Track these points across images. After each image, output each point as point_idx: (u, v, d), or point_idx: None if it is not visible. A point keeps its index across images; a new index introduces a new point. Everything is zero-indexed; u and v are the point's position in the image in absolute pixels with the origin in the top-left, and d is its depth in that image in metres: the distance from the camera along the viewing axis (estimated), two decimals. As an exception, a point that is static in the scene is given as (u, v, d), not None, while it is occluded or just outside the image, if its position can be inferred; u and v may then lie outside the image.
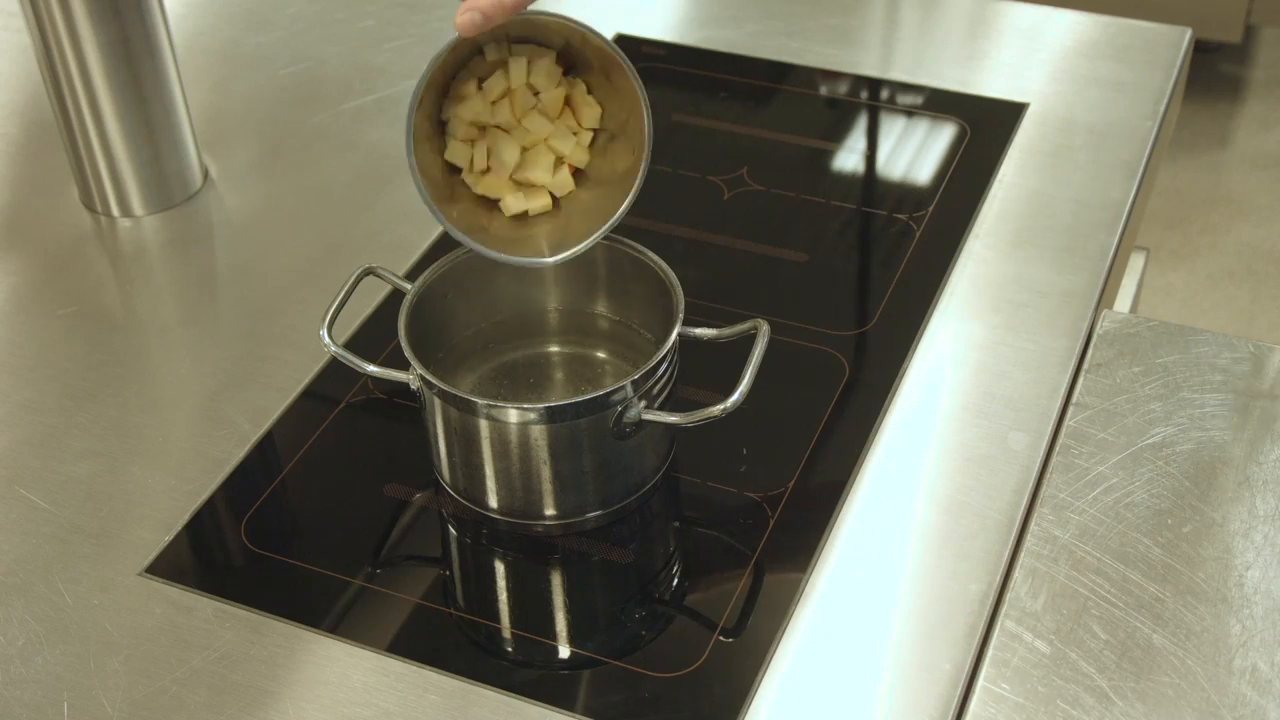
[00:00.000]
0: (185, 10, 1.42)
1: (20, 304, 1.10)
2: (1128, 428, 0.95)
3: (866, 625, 0.85)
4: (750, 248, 1.13)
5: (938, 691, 0.81)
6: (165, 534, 0.92)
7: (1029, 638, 0.83)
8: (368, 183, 1.20)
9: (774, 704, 0.81)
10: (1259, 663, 0.81)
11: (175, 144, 1.17)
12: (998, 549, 0.88)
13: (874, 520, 0.91)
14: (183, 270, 1.14)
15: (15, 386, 1.03)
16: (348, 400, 1.01)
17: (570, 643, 0.86)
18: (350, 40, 1.38)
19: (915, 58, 1.33)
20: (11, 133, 1.29)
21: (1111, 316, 1.03)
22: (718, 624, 0.85)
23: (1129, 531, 0.88)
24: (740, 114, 1.28)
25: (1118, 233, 1.12)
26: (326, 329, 0.92)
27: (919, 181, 1.19)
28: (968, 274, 1.09)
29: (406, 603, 0.88)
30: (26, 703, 0.82)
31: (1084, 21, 1.36)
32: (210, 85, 1.32)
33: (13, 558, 0.90)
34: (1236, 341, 1.01)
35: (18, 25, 1.37)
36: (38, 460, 0.97)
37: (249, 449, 0.97)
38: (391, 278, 0.97)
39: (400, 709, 0.81)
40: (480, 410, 0.86)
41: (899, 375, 1.00)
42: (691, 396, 0.95)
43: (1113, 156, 1.19)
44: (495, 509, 0.91)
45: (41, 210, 1.20)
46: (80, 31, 1.09)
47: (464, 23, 0.83)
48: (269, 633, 0.85)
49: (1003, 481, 0.92)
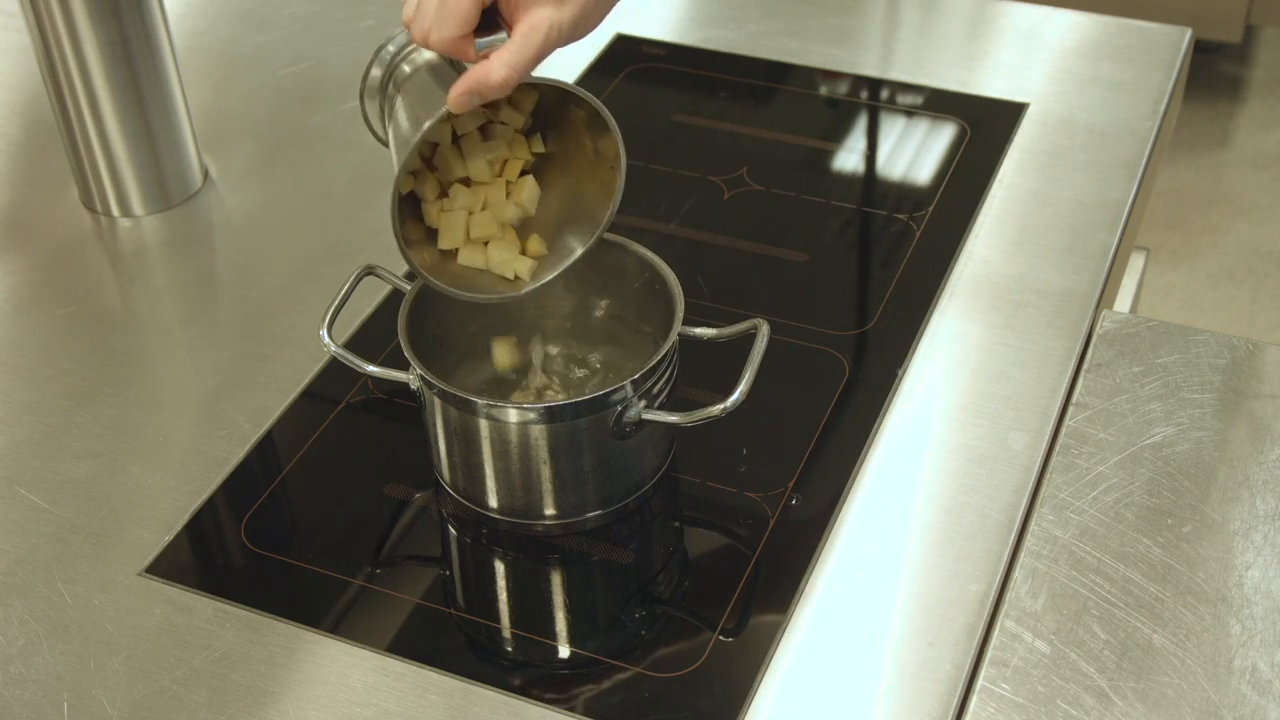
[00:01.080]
0: (185, 10, 1.42)
1: (20, 304, 1.10)
2: (1128, 428, 0.95)
3: (866, 625, 0.85)
4: (750, 248, 1.13)
5: (938, 691, 0.81)
6: (165, 534, 0.92)
7: (1029, 638, 0.83)
8: (368, 183, 1.20)
9: (774, 704, 0.81)
10: (1259, 663, 0.81)
11: (175, 144, 1.17)
12: (998, 549, 0.88)
13: (874, 520, 0.91)
14: (183, 270, 1.14)
15: (15, 386, 1.03)
16: (348, 400, 1.01)
17: (570, 643, 0.86)
18: (350, 40, 1.38)
19: (915, 58, 1.33)
20: (11, 133, 1.29)
21: (1111, 316, 1.03)
22: (718, 624, 0.85)
23: (1129, 531, 0.88)
24: (740, 114, 1.28)
25: (1118, 233, 1.12)
26: (326, 329, 0.92)
27: (919, 181, 1.19)
28: (968, 274, 1.09)
29: (406, 603, 0.88)
30: (26, 703, 0.82)
31: (1084, 21, 1.36)
32: (210, 85, 1.32)
33: (13, 558, 0.90)
34: (1236, 341, 1.01)
35: (18, 25, 1.37)
36: (38, 460, 0.97)
37: (249, 449, 0.97)
38: (391, 277, 0.97)
39: (400, 709, 0.81)
40: (480, 410, 0.86)
41: (899, 375, 1.00)
42: (691, 396, 0.95)
43: (1113, 156, 1.19)
44: (495, 509, 0.91)
45: (41, 210, 1.20)
46: (80, 31, 1.09)
47: (461, 103, 0.82)
48: (269, 633, 0.85)
49: (1003, 481, 0.92)
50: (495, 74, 0.82)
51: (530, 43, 0.82)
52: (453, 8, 0.81)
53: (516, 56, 0.82)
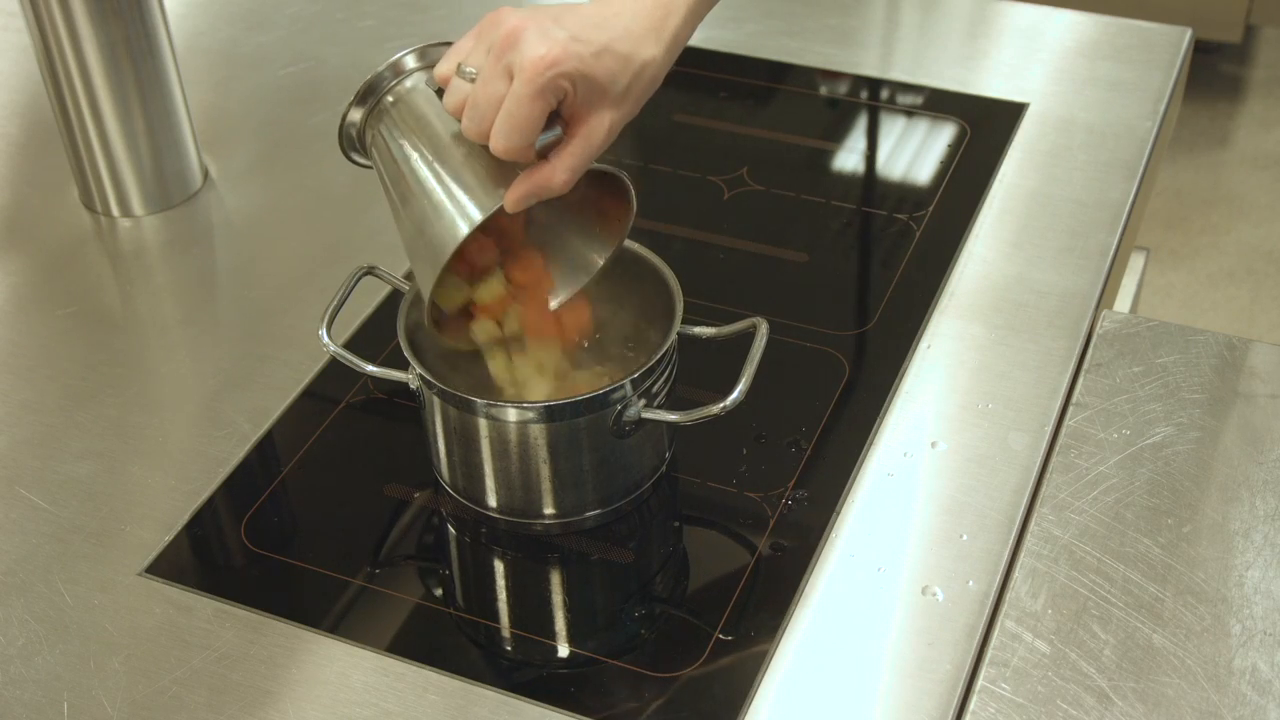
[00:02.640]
0: (185, 10, 1.42)
1: (20, 304, 1.10)
2: (1128, 428, 0.95)
3: (866, 625, 0.85)
4: (750, 248, 1.13)
5: (938, 691, 0.81)
6: (165, 534, 0.92)
7: (1029, 638, 0.83)
8: (368, 183, 1.19)
9: (774, 704, 0.81)
10: (1259, 663, 0.81)
11: (175, 144, 1.17)
12: (998, 549, 0.88)
13: (874, 520, 0.91)
14: (183, 270, 1.14)
15: (15, 386, 1.03)
16: (348, 400, 1.01)
17: (570, 642, 0.86)
18: (350, 40, 1.38)
19: (915, 58, 1.33)
20: (11, 133, 1.29)
21: (1111, 316, 1.03)
22: (718, 624, 0.85)
23: (1129, 531, 0.88)
24: (740, 114, 1.28)
25: (1118, 233, 1.12)
26: (326, 329, 0.92)
27: (919, 181, 1.19)
28: (968, 274, 1.09)
29: (406, 602, 0.88)
30: (26, 703, 0.82)
31: (1084, 21, 1.36)
32: (210, 85, 1.32)
33: (13, 558, 0.90)
34: (1237, 341, 1.01)
35: (18, 25, 1.37)
36: (38, 460, 0.97)
37: (249, 449, 0.97)
38: (391, 278, 0.97)
39: (400, 709, 0.81)
40: (479, 409, 0.86)
41: (899, 375, 1.00)
42: (691, 395, 0.95)
43: (1112, 156, 1.19)
44: (494, 508, 0.91)
45: (41, 210, 1.20)
46: (80, 31, 1.09)
47: (520, 206, 0.80)
48: (269, 632, 0.85)
49: (1003, 481, 0.92)
50: (558, 178, 0.80)
51: (592, 145, 0.81)
52: (521, 120, 0.78)
53: (579, 160, 0.81)
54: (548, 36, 0.77)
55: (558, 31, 0.78)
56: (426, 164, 0.83)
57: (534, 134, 0.78)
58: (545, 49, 0.77)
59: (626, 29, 0.81)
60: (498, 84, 0.78)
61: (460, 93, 0.80)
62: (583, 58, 0.78)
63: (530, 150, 0.79)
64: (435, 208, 0.82)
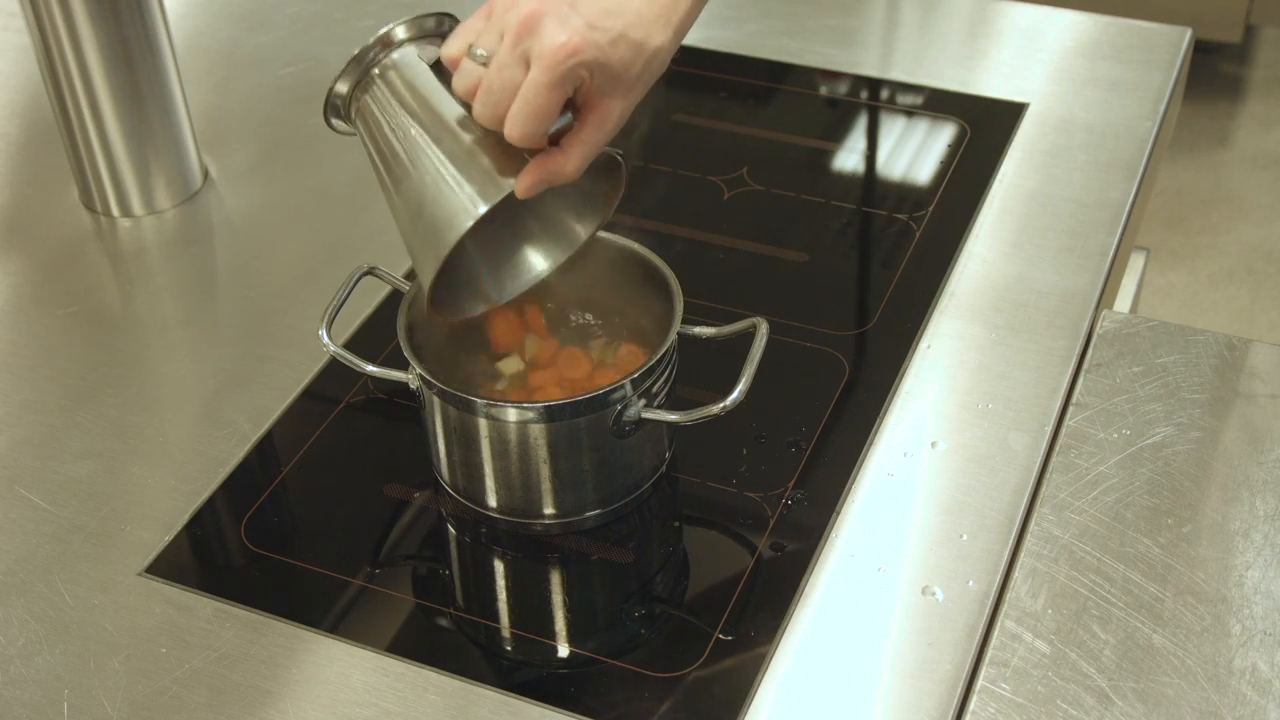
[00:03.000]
0: (185, 10, 1.42)
1: (20, 304, 1.10)
2: (1128, 428, 0.95)
3: (866, 625, 0.85)
4: (750, 248, 1.13)
5: (938, 691, 0.81)
6: (165, 534, 0.92)
7: (1029, 638, 0.83)
8: (368, 183, 1.19)
9: (774, 704, 0.81)
10: (1259, 663, 0.81)
11: (175, 144, 1.17)
12: (998, 549, 0.88)
13: (874, 520, 0.91)
14: (183, 270, 1.14)
15: (15, 386, 1.03)
16: (347, 400, 1.01)
17: (570, 642, 0.86)
18: (350, 40, 1.37)
19: (915, 58, 1.34)
20: (11, 133, 1.29)
21: (1111, 316, 1.03)
22: (718, 624, 0.85)
23: (1129, 531, 0.88)
24: (740, 114, 1.28)
25: (1118, 233, 1.12)
26: (326, 329, 0.92)
27: (919, 181, 1.19)
28: (968, 274, 1.09)
29: (406, 602, 0.88)
30: (26, 703, 0.82)
31: (1084, 21, 1.36)
32: (210, 85, 1.32)
33: (13, 558, 0.90)
34: (1237, 341, 1.01)
35: (18, 25, 1.37)
36: (38, 460, 0.97)
37: (249, 449, 0.97)
38: (391, 277, 0.97)
39: (400, 709, 0.81)
40: (480, 409, 0.86)
41: (899, 375, 1.00)
42: (691, 395, 0.95)
43: (1112, 156, 1.19)
44: (494, 508, 0.91)
45: (41, 210, 1.20)
46: (80, 31, 1.09)
47: (531, 193, 0.80)
48: (268, 632, 0.85)
49: (1003, 481, 0.92)
50: (571, 165, 0.80)
51: (604, 132, 0.80)
52: (538, 108, 0.77)
53: (591, 148, 0.80)
54: (567, 24, 0.76)
55: (575, 18, 0.77)
56: (426, 143, 0.82)
57: (550, 122, 0.78)
58: (565, 36, 0.76)
59: (639, 15, 0.80)
60: (514, 70, 0.77)
61: (472, 76, 0.80)
62: (601, 46, 0.77)
63: (545, 137, 0.79)
64: (437, 190, 0.81)
